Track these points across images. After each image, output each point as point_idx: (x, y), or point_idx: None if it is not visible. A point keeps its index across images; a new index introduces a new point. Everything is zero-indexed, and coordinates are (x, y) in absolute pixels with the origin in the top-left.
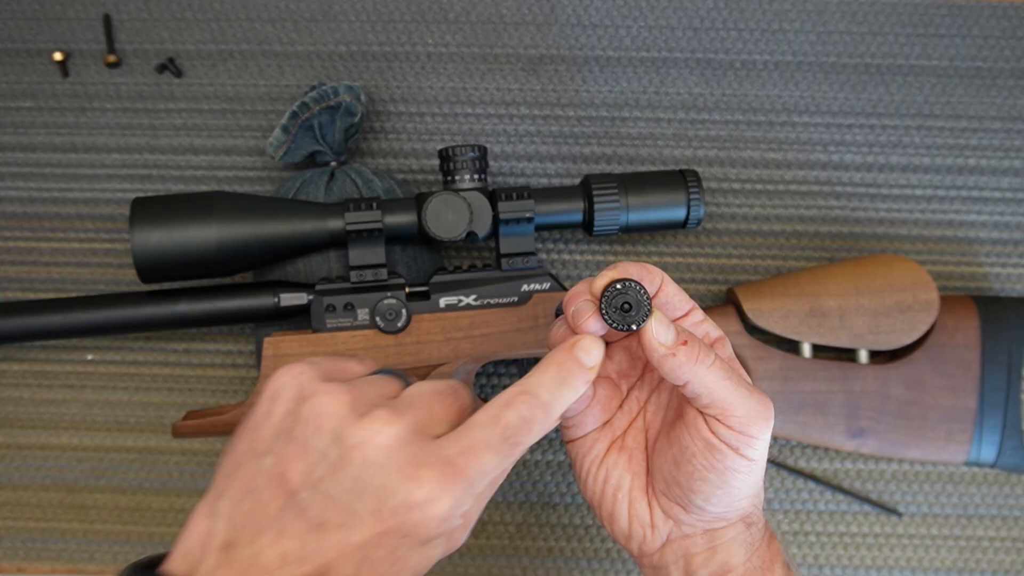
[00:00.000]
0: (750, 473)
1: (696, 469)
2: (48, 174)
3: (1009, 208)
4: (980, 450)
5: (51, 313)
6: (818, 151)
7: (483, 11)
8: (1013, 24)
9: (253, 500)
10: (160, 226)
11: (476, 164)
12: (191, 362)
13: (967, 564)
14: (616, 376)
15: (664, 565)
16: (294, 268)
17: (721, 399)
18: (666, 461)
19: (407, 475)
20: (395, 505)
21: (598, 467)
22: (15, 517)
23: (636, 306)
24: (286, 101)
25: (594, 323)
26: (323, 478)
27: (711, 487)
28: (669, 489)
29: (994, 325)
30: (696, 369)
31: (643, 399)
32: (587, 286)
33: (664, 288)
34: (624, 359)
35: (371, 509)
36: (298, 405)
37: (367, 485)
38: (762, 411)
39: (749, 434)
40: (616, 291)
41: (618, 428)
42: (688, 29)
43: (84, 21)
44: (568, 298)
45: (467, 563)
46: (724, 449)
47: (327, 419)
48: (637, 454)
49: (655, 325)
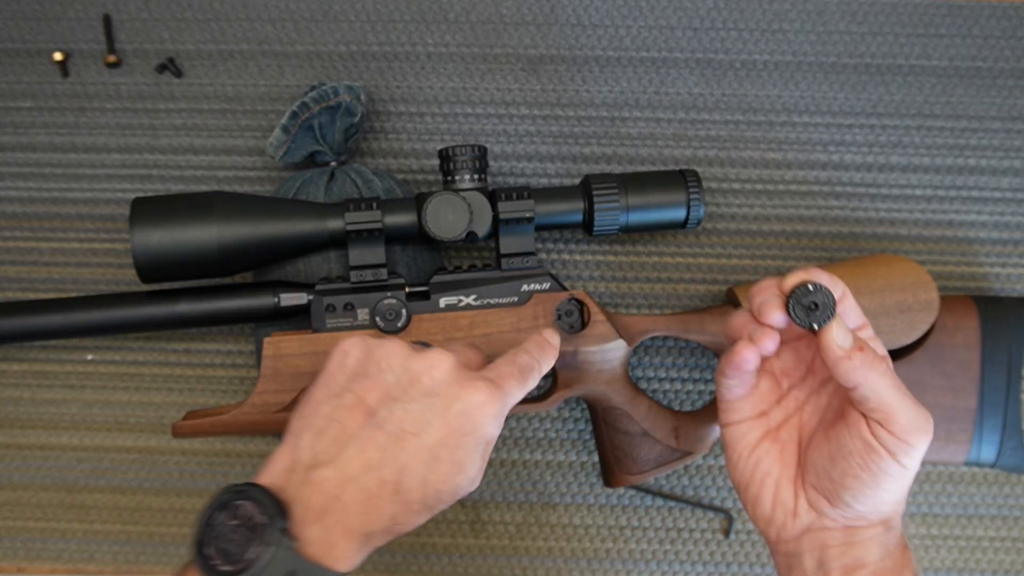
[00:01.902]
0: (901, 479)
1: (851, 467)
2: (48, 174)
3: (1009, 208)
4: (980, 450)
5: (51, 313)
6: (818, 151)
7: (483, 11)
8: (1013, 24)
9: (335, 427)
10: (160, 226)
11: (476, 164)
12: (191, 362)
13: (967, 564)
14: (779, 373)
15: (799, 553)
16: (294, 268)
17: (888, 405)
18: (822, 456)
19: (465, 386)
20: (459, 409)
21: (750, 453)
22: (15, 517)
23: (822, 307)
24: (286, 101)
25: (778, 316)
26: (398, 398)
27: (862, 485)
28: (820, 482)
29: (994, 325)
30: (868, 374)
31: (801, 400)
32: (776, 282)
33: (845, 299)
34: (790, 359)
35: (440, 415)
36: (366, 354)
37: (436, 396)
38: (923, 424)
39: (908, 442)
40: (806, 291)
41: (773, 421)
42: (688, 29)
43: (84, 21)
44: (755, 290)
45: (467, 563)
46: (882, 452)
47: (395, 358)
48: (789, 447)
49: (836, 328)
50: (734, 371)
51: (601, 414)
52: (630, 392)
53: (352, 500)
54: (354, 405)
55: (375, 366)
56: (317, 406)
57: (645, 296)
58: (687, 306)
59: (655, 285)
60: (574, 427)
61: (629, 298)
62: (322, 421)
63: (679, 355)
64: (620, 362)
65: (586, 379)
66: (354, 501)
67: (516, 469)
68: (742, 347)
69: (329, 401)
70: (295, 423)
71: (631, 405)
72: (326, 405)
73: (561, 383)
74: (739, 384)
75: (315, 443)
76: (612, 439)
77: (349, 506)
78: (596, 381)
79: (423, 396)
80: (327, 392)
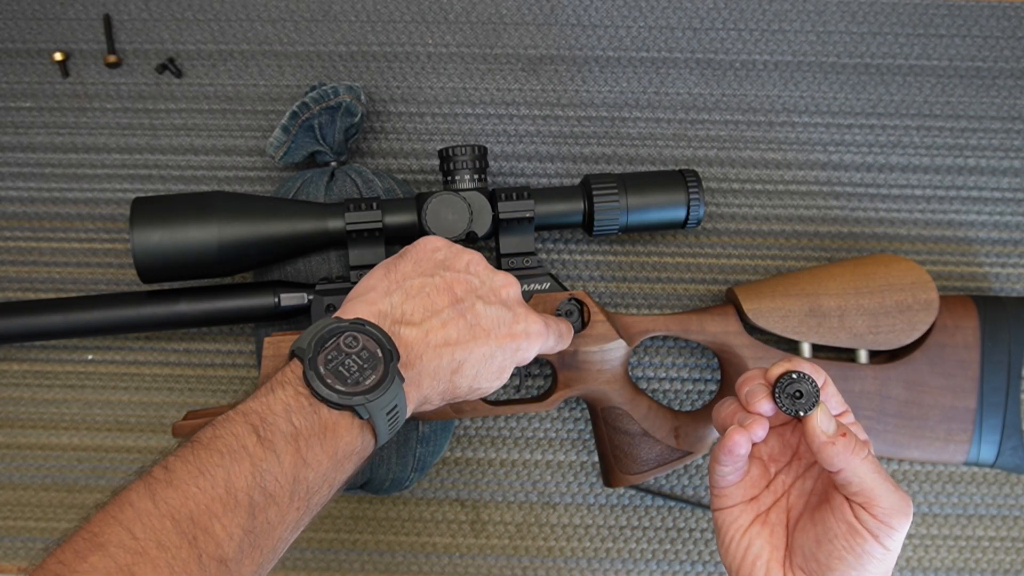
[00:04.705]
0: (884, 561)
1: (836, 549)
2: (48, 174)
3: (1009, 208)
4: (980, 450)
5: (51, 313)
6: (818, 151)
7: (483, 11)
8: (1013, 24)
9: (425, 297)
10: (160, 226)
11: (476, 164)
12: (191, 362)
13: (967, 564)
14: (767, 459)
15: None
16: (294, 268)
17: (869, 489)
18: (808, 538)
19: (529, 312)
20: (522, 327)
21: (742, 536)
22: (15, 517)
23: (806, 395)
24: (286, 101)
25: (766, 404)
26: (481, 296)
27: (847, 567)
28: (807, 564)
29: (994, 325)
30: (851, 459)
31: (788, 483)
32: (761, 373)
33: (827, 386)
34: (776, 445)
35: (508, 325)
36: (455, 255)
37: (509, 309)
38: (904, 507)
39: (890, 525)
40: (791, 380)
41: (763, 504)
42: (688, 29)
43: (84, 21)
44: (742, 381)
45: (467, 563)
46: (865, 534)
47: (479, 266)
48: (778, 530)
49: (821, 415)
50: (727, 456)
51: (601, 414)
52: (630, 392)
53: (428, 363)
54: (443, 287)
55: (463, 264)
56: (406, 277)
57: (645, 296)
58: (687, 306)
59: (655, 285)
60: (574, 427)
61: (629, 298)
62: (413, 289)
63: (679, 355)
64: (620, 362)
65: (586, 379)
66: (428, 365)
67: (516, 469)
68: (734, 432)
69: (419, 277)
70: (380, 283)
71: (631, 405)
72: (416, 279)
73: (561, 383)
74: (733, 471)
75: (404, 304)
76: (612, 439)
77: (425, 367)
78: (596, 381)
79: (500, 304)
80: (417, 270)
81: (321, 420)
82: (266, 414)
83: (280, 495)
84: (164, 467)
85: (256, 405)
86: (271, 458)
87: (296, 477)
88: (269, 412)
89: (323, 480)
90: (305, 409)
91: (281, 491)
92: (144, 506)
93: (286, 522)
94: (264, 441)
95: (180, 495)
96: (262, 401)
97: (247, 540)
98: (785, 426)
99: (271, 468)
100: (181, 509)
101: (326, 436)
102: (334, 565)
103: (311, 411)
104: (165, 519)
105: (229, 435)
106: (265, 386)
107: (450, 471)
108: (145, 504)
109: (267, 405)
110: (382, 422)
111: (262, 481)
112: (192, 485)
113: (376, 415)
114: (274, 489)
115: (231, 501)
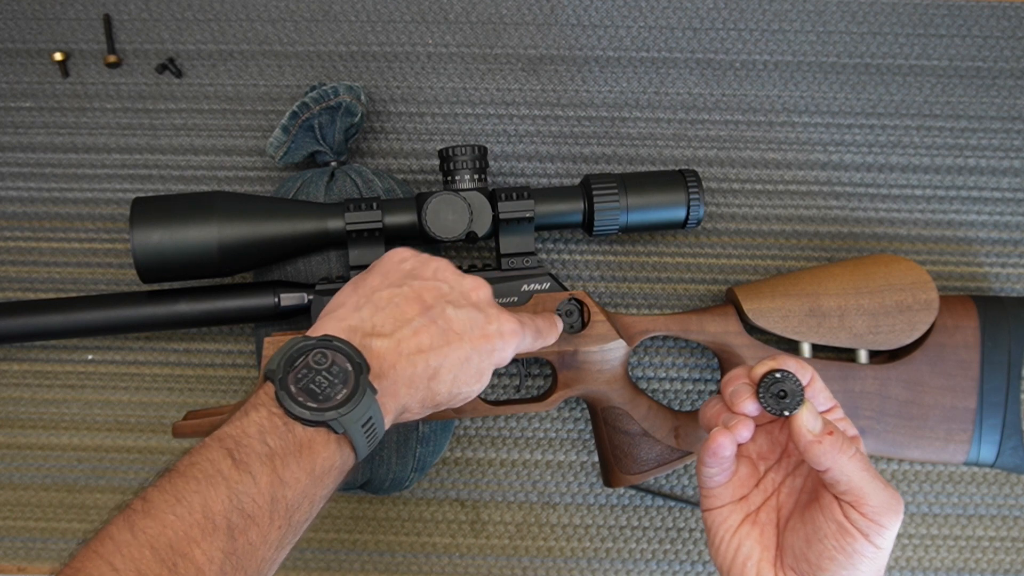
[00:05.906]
0: (875, 560)
1: (826, 549)
2: (48, 174)
3: (1009, 208)
4: (980, 450)
5: (51, 313)
6: (818, 151)
7: (483, 11)
8: (1013, 24)
9: (394, 308)
10: (160, 226)
11: (476, 164)
12: (191, 362)
13: (967, 564)
14: (755, 457)
15: None
16: (294, 268)
17: (858, 487)
18: (798, 538)
19: (501, 312)
20: (495, 328)
21: (731, 536)
22: (15, 517)
23: (791, 394)
24: (286, 101)
25: (750, 405)
26: (451, 301)
27: (838, 567)
28: (798, 564)
29: (994, 325)
30: (838, 458)
31: (778, 481)
32: (745, 371)
33: (814, 383)
34: (764, 442)
35: (480, 327)
36: (422, 263)
37: (480, 311)
38: (894, 505)
39: (880, 523)
40: (774, 379)
41: (753, 504)
42: (688, 29)
43: (84, 21)
44: (727, 380)
45: (467, 563)
46: (855, 533)
47: (447, 272)
48: (768, 529)
49: (806, 414)
50: (712, 458)
51: (601, 414)
52: (630, 392)
53: (402, 372)
54: (412, 296)
55: (431, 272)
56: (374, 290)
57: (645, 296)
58: (687, 306)
59: (655, 285)
60: (574, 427)
61: (629, 298)
62: (382, 301)
63: (679, 355)
64: (620, 362)
65: (586, 379)
66: (403, 373)
67: (516, 469)
68: (717, 434)
69: (387, 288)
70: (349, 299)
71: (631, 405)
72: (384, 291)
73: (561, 383)
74: (720, 472)
75: (374, 316)
76: (612, 439)
77: (399, 377)
78: (596, 381)
79: (471, 306)
80: (385, 282)
81: (296, 438)
82: (240, 437)
83: (259, 515)
84: (143, 499)
85: (231, 429)
86: (247, 480)
87: (274, 496)
88: (243, 435)
89: (303, 497)
90: (279, 429)
91: (260, 512)
92: (123, 537)
93: (268, 541)
94: (239, 464)
95: (158, 524)
96: (236, 425)
97: (229, 562)
98: (773, 423)
99: (247, 490)
100: (160, 537)
101: (302, 454)
102: (334, 565)
103: (285, 430)
104: (144, 548)
105: (204, 461)
106: (240, 410)
107: (450, 471)
108: (124, 536)
109: (241, 428)
110: (358, 435)
111: (239, 503)
112: (169, 513)
113: (351, 429)
114: (252, 510)
115: (209, 526)
